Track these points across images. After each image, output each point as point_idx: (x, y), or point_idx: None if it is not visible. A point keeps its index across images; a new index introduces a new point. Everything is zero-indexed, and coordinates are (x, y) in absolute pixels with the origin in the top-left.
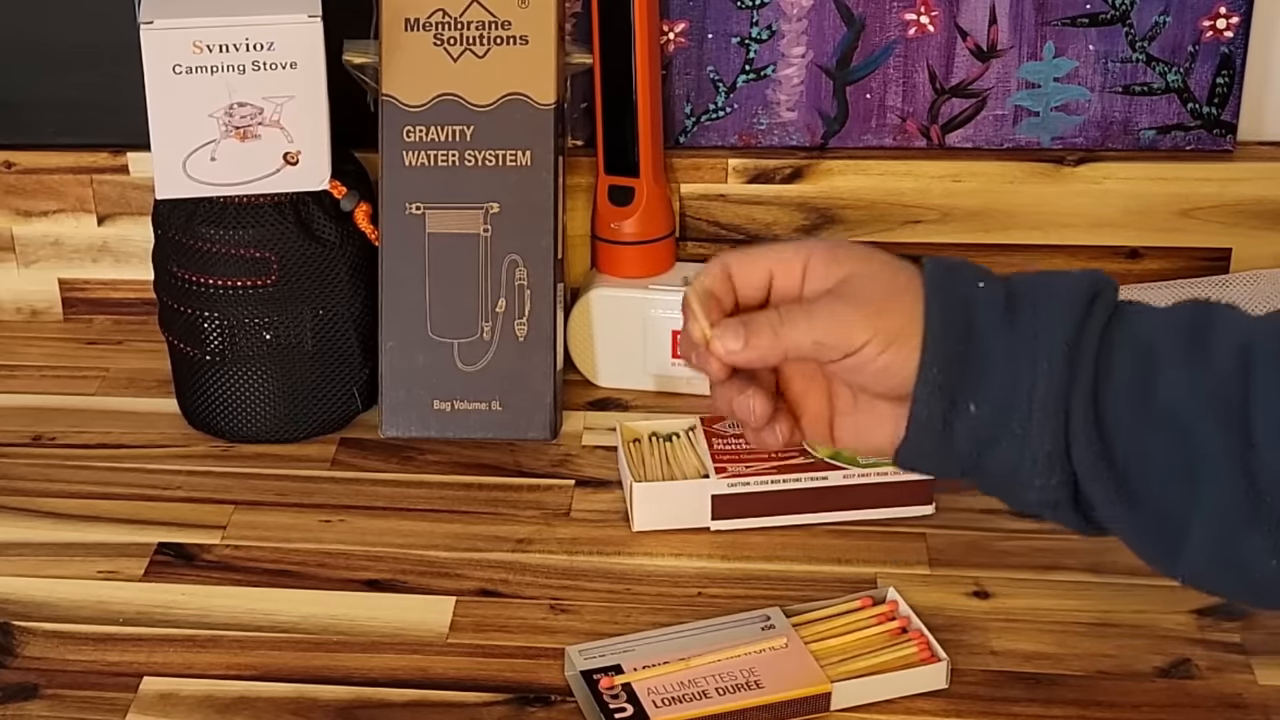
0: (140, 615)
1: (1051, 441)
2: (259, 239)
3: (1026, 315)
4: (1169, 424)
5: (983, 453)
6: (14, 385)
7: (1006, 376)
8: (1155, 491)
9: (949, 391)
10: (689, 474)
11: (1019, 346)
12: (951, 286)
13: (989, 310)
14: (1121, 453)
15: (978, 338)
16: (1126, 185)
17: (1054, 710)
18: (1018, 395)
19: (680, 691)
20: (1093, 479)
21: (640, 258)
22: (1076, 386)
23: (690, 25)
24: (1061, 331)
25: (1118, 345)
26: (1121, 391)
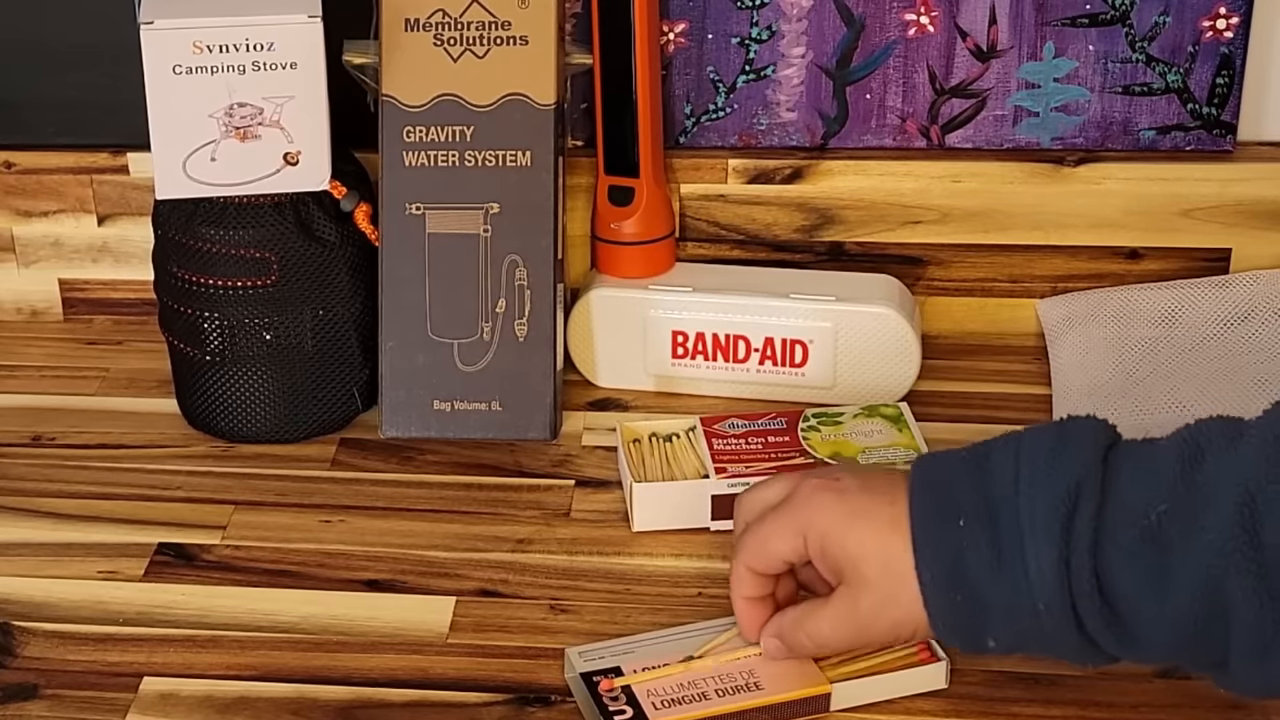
0: (140, 615)
1: (1075, 647)
2: (259, 239)
3: (1013, 556)
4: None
5: (1016, 652)
6: (14, 385)
7: (1011, 617)
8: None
9: (965, 633)
10: (689, 474)
11: (1012, 589)
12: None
13: (976, 557)
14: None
15: (973, 586)
16: (1126, 185)
17: (1054, 710)
18: (1029, 626)
19: (680, 693)
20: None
21: (640, 258)
22: (1082, 605)
23: (690, 25)
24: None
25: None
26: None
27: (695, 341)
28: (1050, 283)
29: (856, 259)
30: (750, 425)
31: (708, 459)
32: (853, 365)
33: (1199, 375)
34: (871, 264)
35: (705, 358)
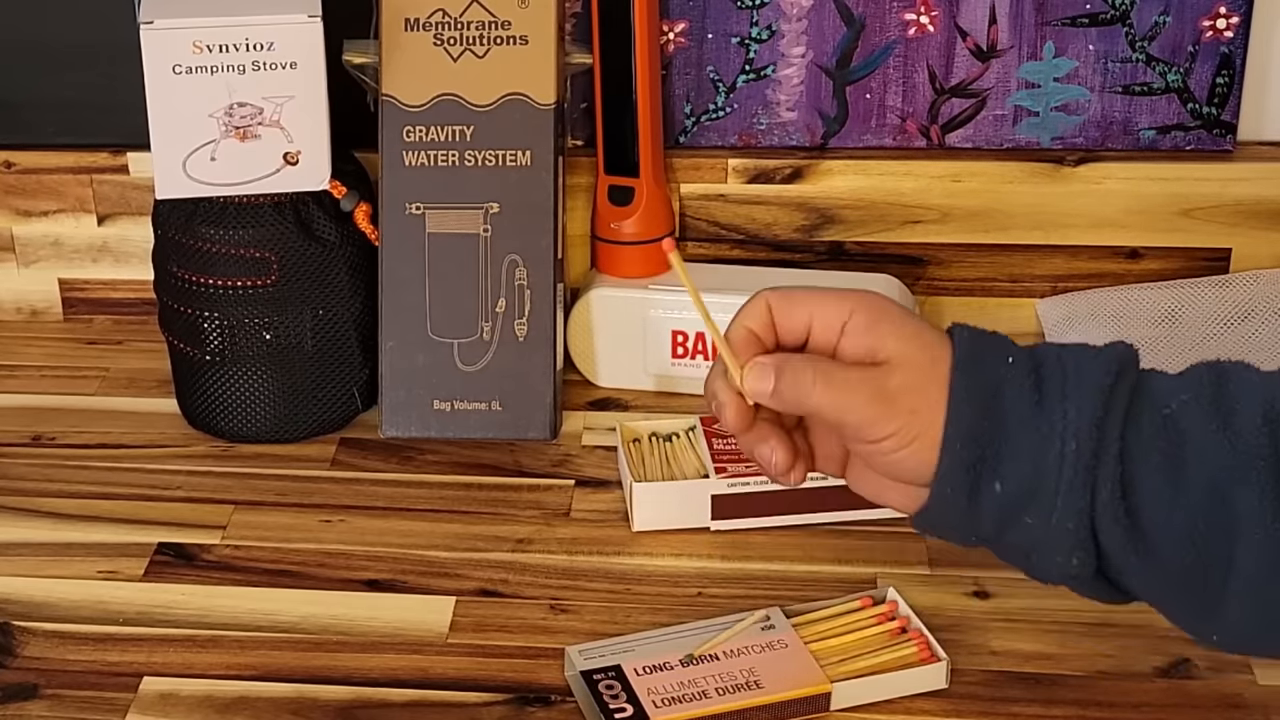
0: (140, 615)
1: (1075, 520)
2: (259, 239)
3: (1053, 396)
4: (1202, 494)
5: (1006, 528)
6: (14, 385)
7: (1033, 456)
8: (1189, 560)
9: (974, 469)
10: (689, 474)
11: (1045, 428)
12: (979, 365)
13: (1016, 390)
14: (1152, 526)
15: (1004, 417)
16: (1126, 185)
17: (1054, 710)
18: (1044, 475)
19: (680, 691)
20: (1122, 553)
21: (640, 258)
22: (1103, 466)
23: (690, 25)
24: (1089, 412)
25: (1145, 422)
26: (1151, 467)
27: (695, 341)
28: (1050, 283)
29: (856, 259)
30: None
31: (708, 459)
32: None
33: None
34: (871, 264)
35: (705, 358)
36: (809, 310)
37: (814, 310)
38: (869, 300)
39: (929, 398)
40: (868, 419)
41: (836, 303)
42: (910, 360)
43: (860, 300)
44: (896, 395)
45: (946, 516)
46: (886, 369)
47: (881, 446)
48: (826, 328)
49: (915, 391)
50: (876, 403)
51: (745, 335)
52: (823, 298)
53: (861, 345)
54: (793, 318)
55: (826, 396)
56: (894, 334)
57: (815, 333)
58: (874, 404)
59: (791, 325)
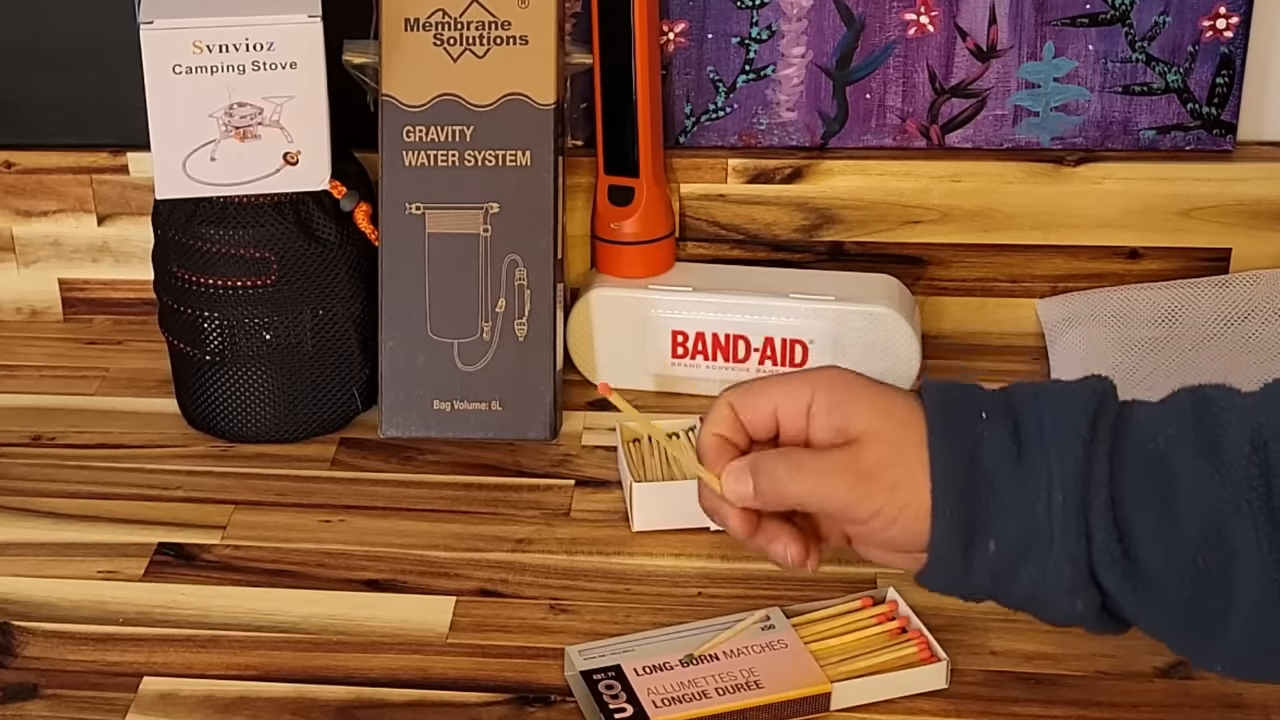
0: (140, 615)
1: (1072, 567)
2: (259, 239)
3: (1033, 447)
4: (1196, 529)
5: (1006, 582)
6: (14, 385)
7: (1021, 512)
8: (1189, 595)
9: (965, 532)
10: (689, 474)
11: (1030, 481)
12: (954, 426)
13: (995, 446)
14: (1150, 564)
15: (988, 476)
16: (1126, 185)
17: (1054, 710)
18: (1036, 529)
19: (680, 691)
20: (1122, 594)
21: (640, 258)
22: (1094, 511)
23: (690, 25)
24: (1072, 460)
25: (1131, 462)
26: (1143, 507)
27: (695, 341)
28: (1050, 283)
29: (856, 259)
30: None
31: None
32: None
33: (1199, 375)
34: (871, 264)
35: (705, 357)
36: (771, 401)
37: (776, 400)
38: (829, 379)
39: (907, 468)
40: (850, 502)
41: (797, 388)
42: (880, 433)
43: (820, 380)
44: (873, 472)
45: (946, 577)
46: (858, 447)
47: (871, 526)
48: (793, 414)
49: (892, 464)
50: (855, 485)
51: (716, 442)
52: (782, 386)
53: (829, 427)
54: (757, 412)
55: (803, 487)
56: (859, 410)
57: (783, 422)
58: (853, 487)
59: (757, 420)
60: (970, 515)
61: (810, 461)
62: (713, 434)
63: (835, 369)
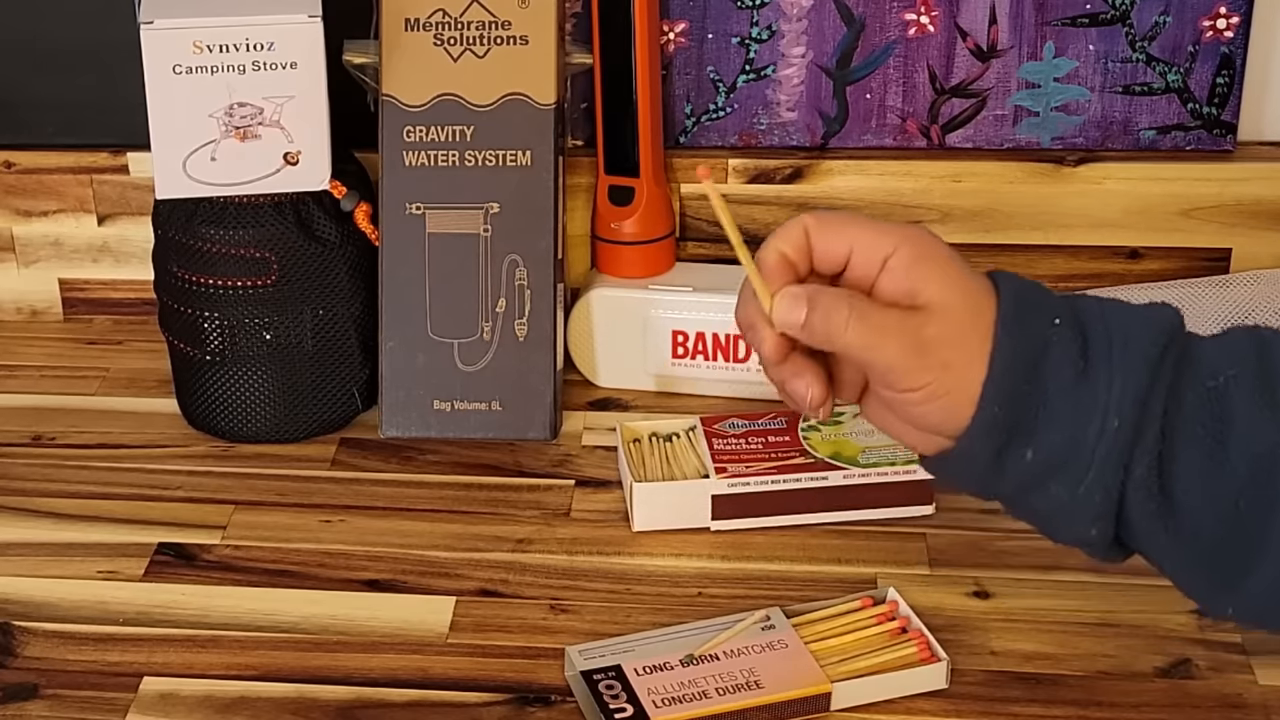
0: (140, 615)
1: (1103, 495)
2: (259, 239)
3: (1099, 367)
4: (1244, 470)
5: (1028, 492)
6: (14, 385)
7: (1071, 428)
8: (1221, 535)
9: (1006, 432)
10: (689, 474)
11: (1089, 400)
12: (1024, 325)
13: (1061, 355)
14: (1186, 501)
15: (1046, 384)
16: (1126, 185)
17: (1054, 710)
18: (1080, 447)
19: (680, 691)
20: (1149, 526)
21: (640, 258)
22: (1142, 442)
23: (690, 25)
24: (1134, 387)
25: (1189, 398)
26: (1193, 444)
27: (695, 341)
28: (1050, 283)
29: None
30: (750, 425)
31: (708, 459)
32: None
33: None
34: None
35: (705, 358)
36: (849, 240)
37: (855, 241)
38: (914, 237)
39: (966, 351)
40: (900, 368)
41: (881, 236)
42: (951, 309)
43: (905, 236)
44: (932, 346)
45: (966, 471)
46: (925, 315)
47: (910, 398)
48: (867, 261)
49: (952, 344)
50: (910, 352)
51: (778, 259)
52: (866, 229)
53: (902, 285)
54: (831, 245)
55: (860, 338)
56: (937, 278)
57: (854, 265)
58: (908, 353)
59: (830, 254)
60: (1017, 418)
61: (874, 313)
62: (779, 250)
63: (922, 229)
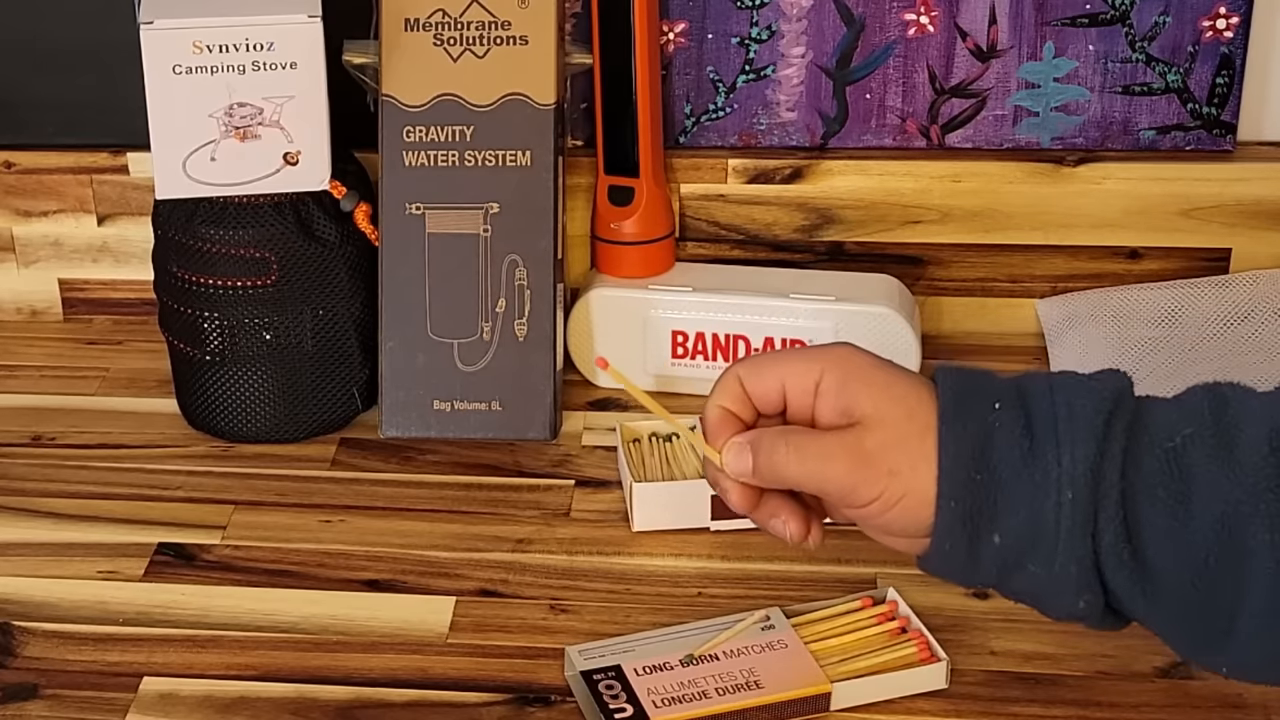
0: (140, 615)
1: (1078, 566)
2: (259, 239)
3: (1046, 442)
4: (1209, 530)
5: (1009, 576)
6: (14, 385)
7: (1029, 507)
8: (1197, 597)
9: (971, 523)
10: (689, 474)
11: (1040, 477)
12: (966, 415)
13: (1006, 438)
14: (1159, 565)
15: (996, 469)
16: (1126, 185)
17: (1054, 710)
18: (1043, 525)
19: (680, 691)
20: (1128, 595)
21: (640, 258)
22: (1103, 510)
23: (690, 25)
24: (1084, 458)
25: (1145, 461)
26: (1156, 507)
27: (695, 341)
28: (1050, 283)
29: (856, 259)
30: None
31: None
32: None
33: (1199, 375)
34: (871, 264)
35: (705, 358)
36: (779, 377)
37: (784, 376)
38: (838, 357)
39: (909, 454)
40: (848, 486)
41: (806, 364)
42: (885, 418)
43: (829, 358)
44: (873, 457)
45: (948, 566)
46: (860, 430)
47: (870, 510)
48: (801, 391)
49: (892, 449)
50: (854, 468)
51: (721, 415)
52: (791, 361)
53: (836, 407)
54: (764, 386)
55: (803, 469)
56: (865, 392)
57: (790, 398)
58: (852, 470)
59: (765, 394)
60: (976, 508)
61: (811, 444)
62: (718, 406)
63: (847, 347)
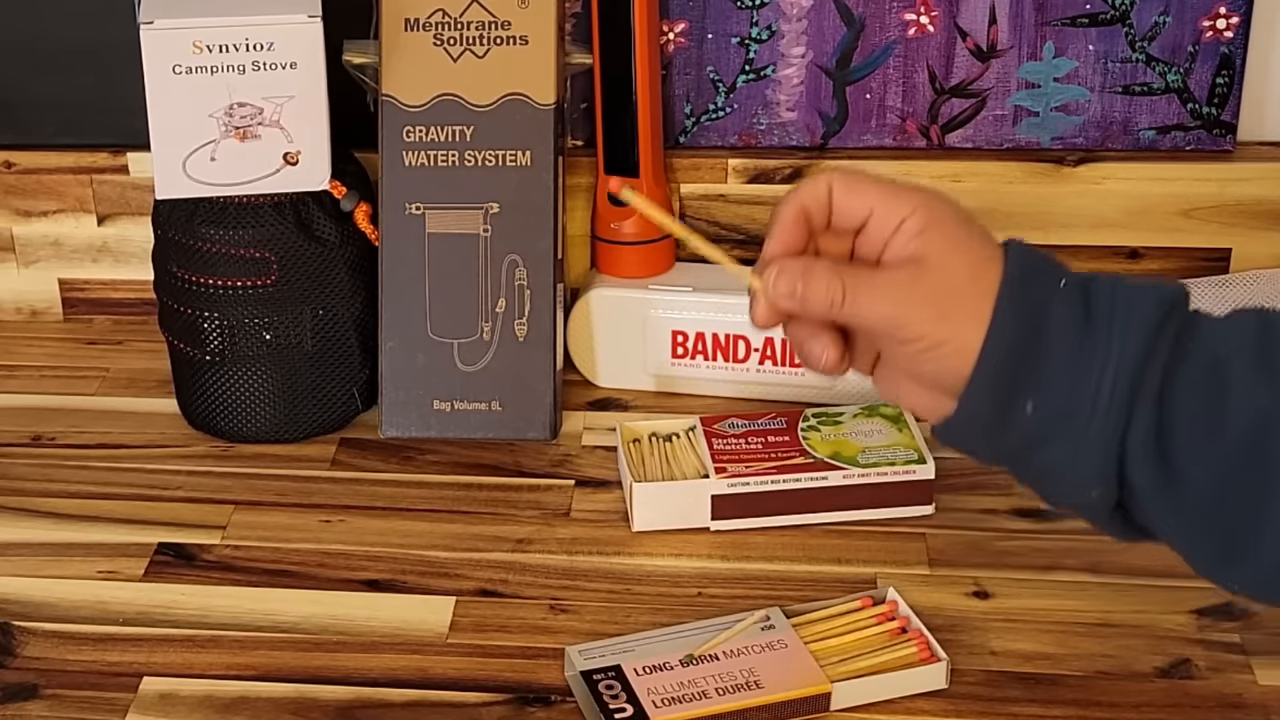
0: (140, 615)
1: (1104, 454)
2: (259, 239)
3: (1101, 326)
4: (1241, 441)
5: (1031, 450)
6: (14, 385)
7: (1071, 382)
8: (1221, 505)
9: (1008, 385)
10: (689, 474)
11: (1088, 356)
12: (1030, 281)
13: (1063, 311)
14: (1186, 469)
15: (1048, 338)
16: (1126, 185)
17: (1054, 710)
18: (1079, 403)
19: (680, 691)
20: (1151, 492)
21: (640, 258)
22: (1140, 404)
23: (690, 25)
24: (1134, 348)
25: (1188, 367)
26: (1191, 412)
27: (695, 341)
28: None
29: None
30: (750, 425)
31: (708, 459)
32: None
33: None
34: None
35: (705, 358)
36: (871, 202)
37: (876, 203)
38: (929, 203)
39: (965, 305)
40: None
41: (900, 201)
42: (949, 267)
43: (921, 201)
44: (925, 298)
45: (971, 429)
46: (920, 270)
47: (909, 349)
48: (884, 223)
49: (948, 297)
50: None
51: (796, 213)
52: (886, 193)
53: (908, 248)
54: (855, 204)
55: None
56: (939, 241)
57: (872, 225)
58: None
59: (851, 212)
60: (1018, 370)
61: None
62: (800, 203)
63: (939, 195)
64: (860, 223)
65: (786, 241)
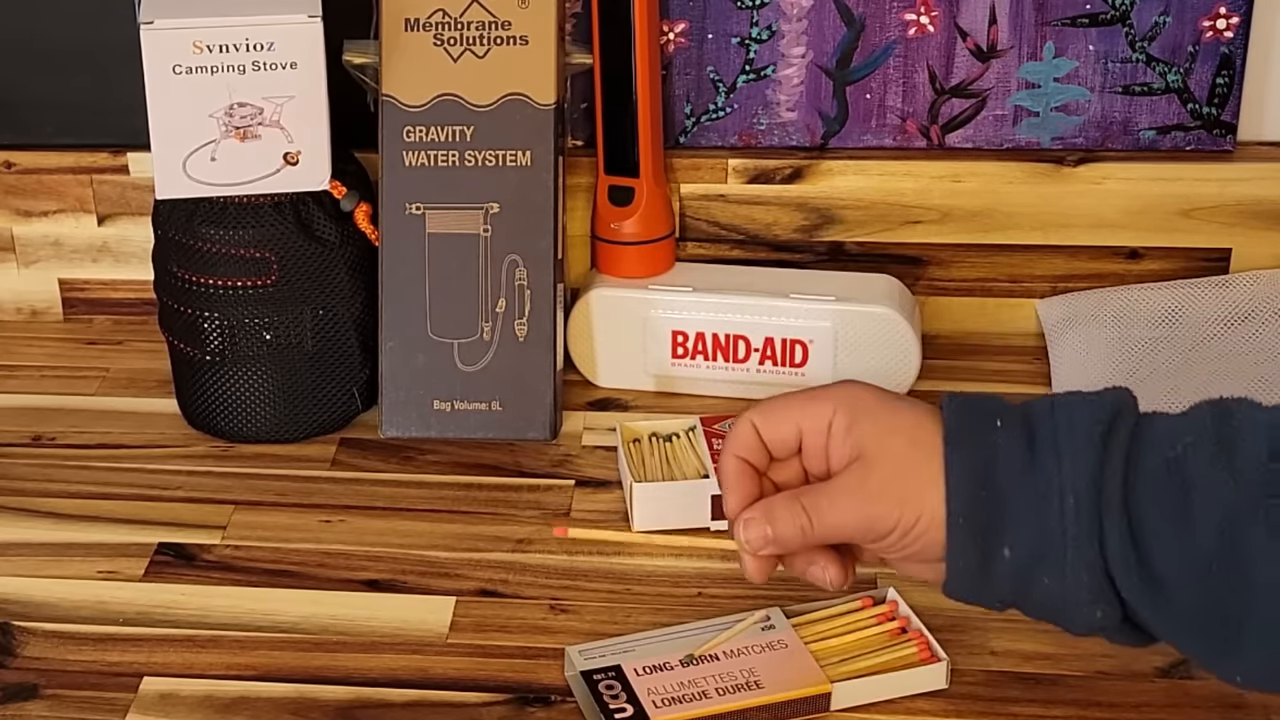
0: (140, 615)
1: (1089, 574)
2: (259, 239)
3: (1046, 452)
4: (1212, 537)
5: (1026, 590)
6: (14, 385)
7: (1035, 517)
8: (1205, 604)
9: (980, 539)
10: (689, 474)
11: (1042, 486)
12: (969, 436)
13: (1008, 452)
14: (1165, 572)
15: (1000, 483)
16: (1126, 185)
17: (1054, 710)
18: (1050, 534)
19: (680, 691)
20: (1140, 604)
21: (640, 258)
22: (1108, 516)
23: (690, 25)
24: (1084, 464)
25: (1147, 468)
26: (1158, 513)
27: (695, 341)
28: (1050, 283)
29: (856, 259)
30: None
31: (708, 459)
32: (853, 365)
33: (1199, 375)
34: (871, 264)
35: (705, 358)
36: (794, 421)
37: (799, 420)
38: (847, 396)
39: (917, 480)
40: (865, 524)
41: (818, 406)
42: (885, 451)
43: (839, 398)
44: (881, 491)
45: (967, 586)
46: (863, 467)
47: (890, 542)
48: (815, 434)
49: (897, 480)
50: (865, 505)
51: (738, 466)
52: (804, 405)
53: (845, 447)
54: (780, 433)
55: (822, 525)
56: (870, 428)
57: (806, 441)
58: (864, 507)
59: (780, 440)
60: (984, 522)
61: (822, 498)
62: (735, 456)
63: (854, 385)
64: (796, 444)
65: (741, 495)
